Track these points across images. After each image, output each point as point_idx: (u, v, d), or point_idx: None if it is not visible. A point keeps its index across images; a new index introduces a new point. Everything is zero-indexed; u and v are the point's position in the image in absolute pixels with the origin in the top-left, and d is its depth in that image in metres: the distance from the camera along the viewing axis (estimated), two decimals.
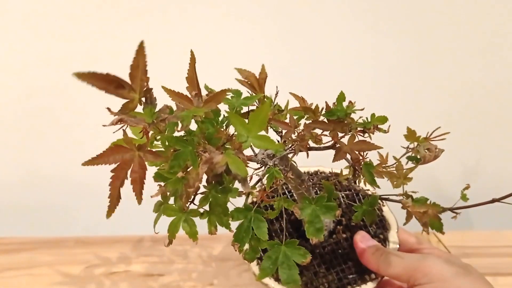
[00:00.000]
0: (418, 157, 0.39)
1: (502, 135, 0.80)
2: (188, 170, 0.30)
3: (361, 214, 0.42)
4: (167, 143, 0.30)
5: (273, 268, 0.33)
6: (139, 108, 0.28)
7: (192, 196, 0.32)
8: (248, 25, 0.73)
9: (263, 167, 0.34)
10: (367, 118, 0.37)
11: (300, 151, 0.36)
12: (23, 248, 0.69)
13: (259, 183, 0.42)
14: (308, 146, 0.36)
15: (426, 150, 0.37)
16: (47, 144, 0.78)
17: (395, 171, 0.39)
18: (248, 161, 0.32)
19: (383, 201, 0.44)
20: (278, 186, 0.33)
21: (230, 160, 0.27)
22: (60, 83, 0.76)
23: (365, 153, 0.37)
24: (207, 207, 0.34)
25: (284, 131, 0.36)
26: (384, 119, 0.36)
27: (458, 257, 0.44)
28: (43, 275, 0.62)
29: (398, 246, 0.46)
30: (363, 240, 0.45)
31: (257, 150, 0.35)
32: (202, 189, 0.33)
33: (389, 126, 0.37)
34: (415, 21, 0.74)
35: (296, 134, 0.36)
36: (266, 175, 0.33)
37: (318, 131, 0.36)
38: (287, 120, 0.37)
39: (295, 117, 0.37)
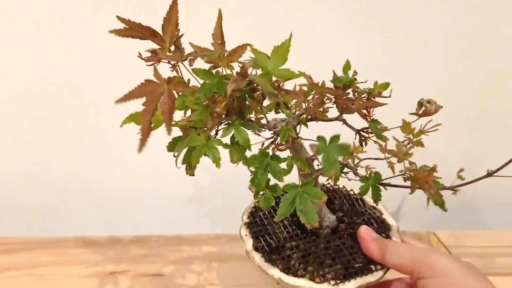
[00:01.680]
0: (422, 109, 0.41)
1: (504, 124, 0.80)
2: (216, 99, 0.33)
3: (367, 188, 0.43)
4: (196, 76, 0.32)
5: (291, 208, 0.34)
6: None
7: (216, 127, 0.34)
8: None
9: (275, 136, 0.36)
10: (369, 88, 0.40)
11: (308, 120, 0.38)
12: (23, 248, 0.69)
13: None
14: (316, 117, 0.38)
15: (428, 103, 0.40)
16: (48, 144, 0.78)
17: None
18: (261, 128, 0.36)
19: (385, 186, 0.44)
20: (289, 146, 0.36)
21: (257, 78, 0.31)
22: (61, 83, 0.76)
23: (371, 110, 0.39)
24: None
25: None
26: (386, 86, 0.39)
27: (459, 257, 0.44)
28: (43, 275, 0.62)
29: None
30: (367, 233, 0.45)
31: (269, 118, 0.37)
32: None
33: (391, 90, 0.39)
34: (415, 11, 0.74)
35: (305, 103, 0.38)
36: (280, 133, 0.35)
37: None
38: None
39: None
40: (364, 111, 0.39)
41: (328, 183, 0.57)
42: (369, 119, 0.40)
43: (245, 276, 0.61)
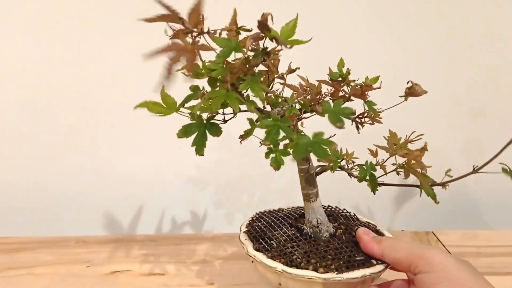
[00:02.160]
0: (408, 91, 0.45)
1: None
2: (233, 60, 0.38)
3: (365, 174, 0.46)
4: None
5: (305, 148, 0.37)
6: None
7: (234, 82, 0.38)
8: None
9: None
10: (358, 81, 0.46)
11: (306, 111, 0.43)
12: (24, 247, 0.69)
13: None
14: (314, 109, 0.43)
15: (415, 85, 0.44)
16: (48, 144, 0.79)
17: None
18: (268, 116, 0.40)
19: (380, 185, 0.47)
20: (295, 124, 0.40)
21: (273, 31, 0.36)
22: (61, 84, 0.76)
23: (367, 93, 0.45)
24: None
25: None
26: (376, 79, 0.45)
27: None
28: (44, 275, 0.62)
29: None
30: (365, 233, 0.47)
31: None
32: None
33: (381, 82, 0.44)
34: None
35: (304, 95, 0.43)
36: (287, 110, 0.41)
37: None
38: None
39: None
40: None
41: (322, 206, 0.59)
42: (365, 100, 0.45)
43: (245, 276, 0.61)
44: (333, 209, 0.57)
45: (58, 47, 0.74)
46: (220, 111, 0.43)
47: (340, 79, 0.45)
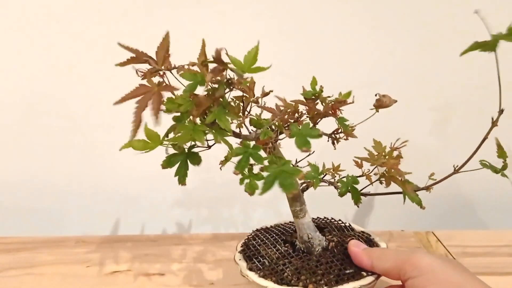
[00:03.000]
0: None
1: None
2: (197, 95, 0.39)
3: (346, 189, 0.47)
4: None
5: (274, 180, 0.37)
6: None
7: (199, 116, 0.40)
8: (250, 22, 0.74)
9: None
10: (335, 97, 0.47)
11: (281, 131, 0.44)
12: (24, 247, 0.70)
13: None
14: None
15: (383, 97, 0.46)
16: (48, 144, 0.79)
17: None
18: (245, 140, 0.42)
19: (365, 195, 0.48)
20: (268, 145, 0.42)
21: (231, 60, 0.38)
22: (61, 84, 0.76)
23: (338, 110, 0.46)
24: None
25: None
26: (348, 95, 0.46)
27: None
28: (44, 275, 0.62)
29: None
30: (356, 245, 0.47)
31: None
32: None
33: (353, 97, 0.46)
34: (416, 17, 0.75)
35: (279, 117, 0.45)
36: (261, 134, 0.42)
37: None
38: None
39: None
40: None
41: (318, 218, 0.59)
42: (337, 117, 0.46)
43: None
44: (328, 220, 0.58)
45: (58, 47, 0.74)
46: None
47: (313, 97, 0.46)
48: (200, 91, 0.39)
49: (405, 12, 0.75)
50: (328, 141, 0.49)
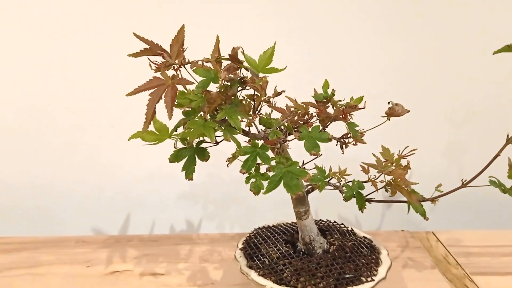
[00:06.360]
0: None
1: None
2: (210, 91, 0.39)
3: (351, 193, 0.46)
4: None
5: (279, 180, 0.38)
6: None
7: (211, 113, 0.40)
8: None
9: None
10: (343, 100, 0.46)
11: (295, 129, 0.43)
12: (24, 247, 0.70)
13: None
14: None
15: (396, 105, 0.45)
16: (48, 144, 0.79)
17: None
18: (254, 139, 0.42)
19: (370, 201, 0.47)
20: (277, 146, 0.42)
21: (245, 64, 0.38)
22: (61, 84, 0.76)
23: (349, 115, 0.46)
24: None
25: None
26: (360, 100, 0.46)
27: None
28: (44, 275, 0.62)
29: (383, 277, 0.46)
30: None
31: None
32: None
33: (365, 102, 0.45)
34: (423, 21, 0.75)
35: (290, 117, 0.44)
36: (270, 134, 0.42)
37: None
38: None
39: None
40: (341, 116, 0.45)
41: (321, 220, 0.59)
42: (347, 122, 0.46)
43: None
44: (330, 223, 0.58)
45: (58, 47, 0.74)
46: None
47: (324, 100, 0.45)
48: (212, 87, 0.39)
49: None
50: (336, 145, 0.48)
